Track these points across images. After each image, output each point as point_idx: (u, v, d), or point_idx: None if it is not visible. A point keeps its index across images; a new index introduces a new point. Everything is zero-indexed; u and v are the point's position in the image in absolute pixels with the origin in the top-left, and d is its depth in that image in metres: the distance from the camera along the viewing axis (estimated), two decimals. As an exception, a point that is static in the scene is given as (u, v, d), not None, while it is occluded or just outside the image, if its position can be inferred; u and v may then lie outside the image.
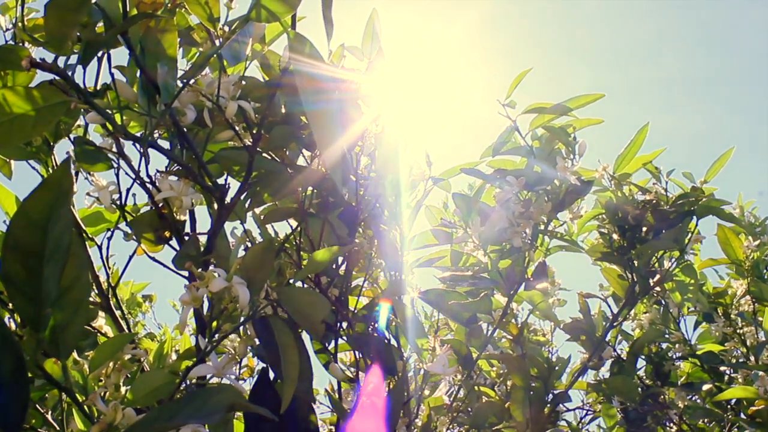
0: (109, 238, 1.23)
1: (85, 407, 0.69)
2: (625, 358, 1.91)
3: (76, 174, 1.10)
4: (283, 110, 1.16)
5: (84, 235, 1.20)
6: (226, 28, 0.97)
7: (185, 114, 0.90)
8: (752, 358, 1.89)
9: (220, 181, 1.10)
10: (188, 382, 0.94)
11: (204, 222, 1.36)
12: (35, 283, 0.60)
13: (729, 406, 1.83)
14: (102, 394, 0.78)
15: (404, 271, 1.56)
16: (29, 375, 0.57)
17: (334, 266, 1.40)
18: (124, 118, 0.89)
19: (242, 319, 0.84)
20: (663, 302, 1.93)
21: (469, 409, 1.54)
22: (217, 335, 0.85)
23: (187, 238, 1.10)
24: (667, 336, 1.92)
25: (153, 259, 1.07)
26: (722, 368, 1.85)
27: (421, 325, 1.48)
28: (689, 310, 1.93)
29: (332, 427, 1.60)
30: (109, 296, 1.21)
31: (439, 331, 1.86)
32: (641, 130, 1.47)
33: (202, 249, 1.08)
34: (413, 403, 1.51)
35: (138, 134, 0.93)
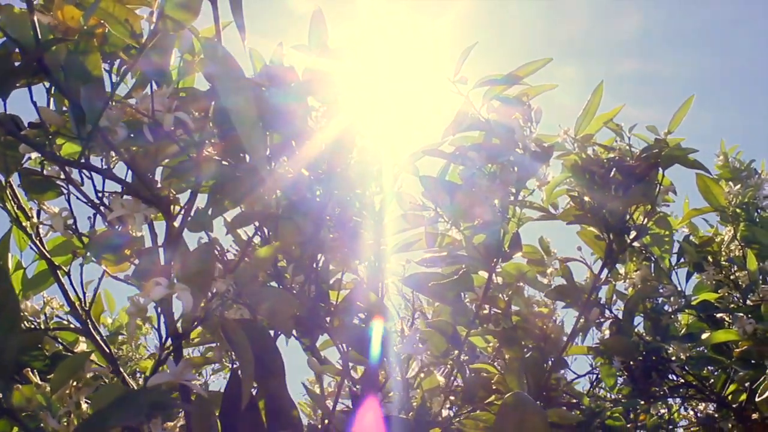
0: (82, 264, 1.25)
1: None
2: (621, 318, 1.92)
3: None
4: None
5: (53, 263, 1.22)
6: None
7: (117, 133, 0.92)
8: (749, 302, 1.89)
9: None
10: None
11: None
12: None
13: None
14: (63, 413, 0.80)
15: (383, 259, 1.57)
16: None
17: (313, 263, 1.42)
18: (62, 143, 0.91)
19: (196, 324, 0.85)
20: (653, 258, 1.93)
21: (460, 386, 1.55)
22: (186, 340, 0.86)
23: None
24: (661, 291, 1.92)
25: (115, 277, 1.08)
26: (719, 315, 1.85)
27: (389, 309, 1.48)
28: (680, 262, 1.93)
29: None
30: (87, 321, 1.23)
31: (426, 313, 1.87)
32: (597, 89, 1.47)
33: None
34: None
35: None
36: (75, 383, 0.83)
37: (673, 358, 1.94)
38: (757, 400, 1.41)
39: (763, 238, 2.14)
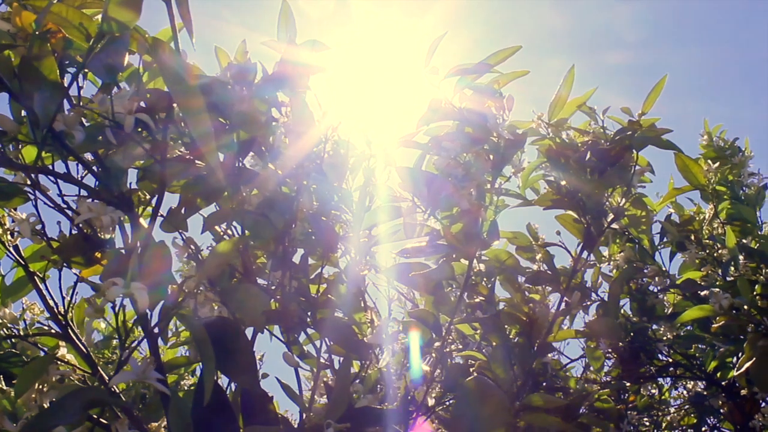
0: (60, 270, 1.25)
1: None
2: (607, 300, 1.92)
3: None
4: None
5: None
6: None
7: (74, 136, 0.92)
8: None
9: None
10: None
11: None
12: None
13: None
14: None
15: (363, 251, 1.57)
16: None
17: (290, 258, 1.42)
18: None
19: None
20: (637, 240, 1.93)
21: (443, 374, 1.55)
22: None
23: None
24: (645, 271, 1.92)
25: (84, 280, 1.09)
26: (704, 293, 1.85)
27: (359, 301, 1.49)
28: (664, 241, 1.93)
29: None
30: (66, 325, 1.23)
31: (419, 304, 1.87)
32: (568, 73, 1.47)
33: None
34: (373, 376, 1.53)
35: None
36: (40, 386, 0.83)
37: (662, 338, 1.94)
38: (735, 374, 1.41)
39: (748, 215, 2.15)
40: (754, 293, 1.44)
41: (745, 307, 1.38)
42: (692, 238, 1.85)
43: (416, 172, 1.49)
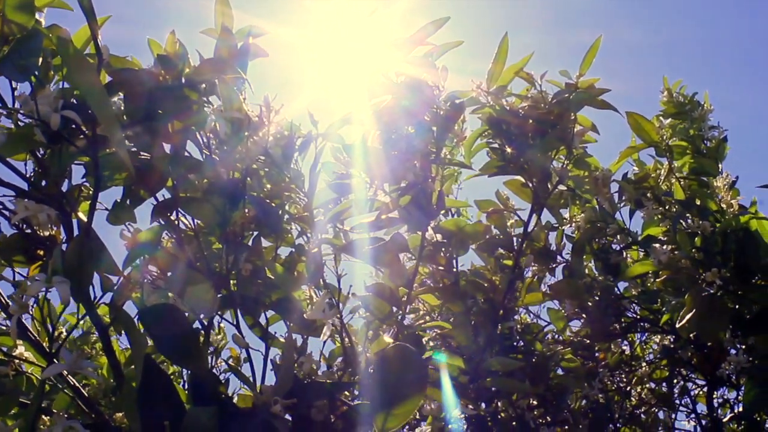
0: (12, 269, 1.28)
1: None
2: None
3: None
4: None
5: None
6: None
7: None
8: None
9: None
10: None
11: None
12: None
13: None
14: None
15: (317, 230, 1.60)
16: None
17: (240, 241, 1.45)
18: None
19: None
20: (597, 200, 1.95)
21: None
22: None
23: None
24: (607, 230, 1.94)
25: (25, 277, 1.12)
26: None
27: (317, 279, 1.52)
28: (623, 200, 1.95)
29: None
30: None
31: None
32: (502, 40, 1.48)
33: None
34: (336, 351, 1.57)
35: None
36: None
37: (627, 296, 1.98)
38: (678, 326, 1.44)
39: (709, 168, 2.17)
40: (693, 247, 1.47)
41: (683, 260, 1.40)
42: (649, 195, 1.87)
43: (361, 148, 1.52)
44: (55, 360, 0.94)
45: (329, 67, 1.64)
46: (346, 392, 1.28)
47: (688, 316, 1.36)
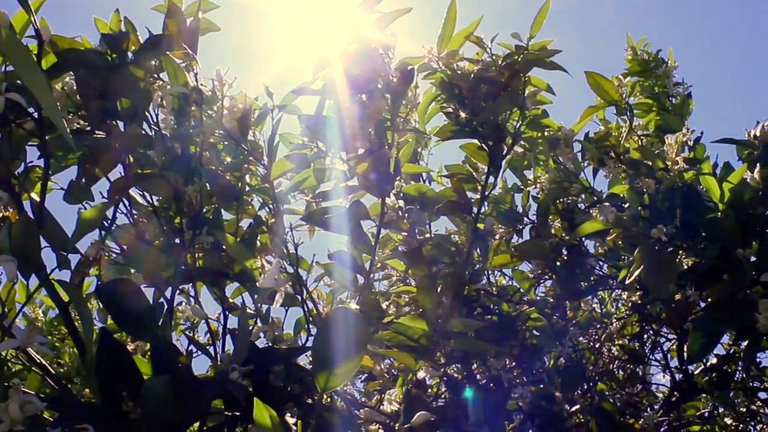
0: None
1: None
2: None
3: None
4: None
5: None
6: None
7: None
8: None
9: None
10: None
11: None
12: None
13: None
14: None
15: (277, 200, 1.63)
16: None
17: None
18: None
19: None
20: (559, 159, 1.97)
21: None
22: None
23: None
24: (572, 190, 1.96)
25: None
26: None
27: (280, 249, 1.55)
28: (585, 159, 1.97)
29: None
30: None
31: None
32: (451, 4, 1.49)
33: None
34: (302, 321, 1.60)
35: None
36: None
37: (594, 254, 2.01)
38: (627, 282, 1.47)
39: (675, 125, 2.19)
40: (641, 204, 1.49)
41: (625, 216, 1.43)
42: (612, 154, 1.89)
43: (316, 118, 1.53)
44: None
45: (285, 37, 1.66)
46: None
47: (636, 272, 1.38)
